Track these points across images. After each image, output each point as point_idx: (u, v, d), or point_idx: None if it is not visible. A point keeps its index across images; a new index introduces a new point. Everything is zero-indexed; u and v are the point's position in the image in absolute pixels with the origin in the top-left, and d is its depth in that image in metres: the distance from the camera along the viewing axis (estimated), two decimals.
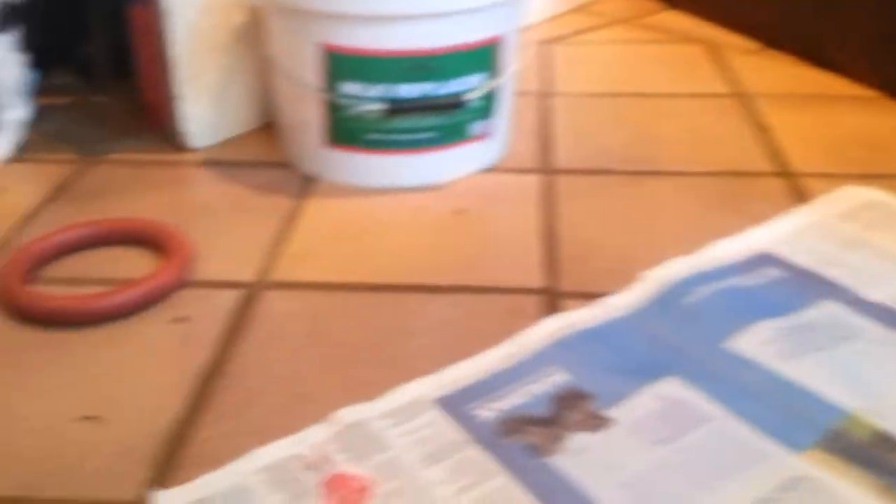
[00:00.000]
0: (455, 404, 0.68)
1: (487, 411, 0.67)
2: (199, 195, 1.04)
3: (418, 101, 1.01)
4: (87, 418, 0.68)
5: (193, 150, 1.14)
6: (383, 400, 0.68)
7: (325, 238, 0.95)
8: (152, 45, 1.13)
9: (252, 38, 1.14)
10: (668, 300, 0.80)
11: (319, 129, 1.05)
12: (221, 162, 1.12)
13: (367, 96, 1.00)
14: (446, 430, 0.65)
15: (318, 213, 1.00)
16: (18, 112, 1.14)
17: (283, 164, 1.11)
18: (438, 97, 1.01)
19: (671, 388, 0.69)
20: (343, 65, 1.00)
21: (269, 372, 0.73)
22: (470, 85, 1.03)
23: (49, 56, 1.36)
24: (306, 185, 1.06)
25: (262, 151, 1.15)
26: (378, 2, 0.96)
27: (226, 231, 0.96)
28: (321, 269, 0.88)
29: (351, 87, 1.00)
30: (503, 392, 0.69)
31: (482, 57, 1.03)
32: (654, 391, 0.69)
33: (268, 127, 1.20)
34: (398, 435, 0.65)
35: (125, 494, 0.61)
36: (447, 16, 0.99)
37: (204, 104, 1.14)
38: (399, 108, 1.00)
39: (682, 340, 0.75)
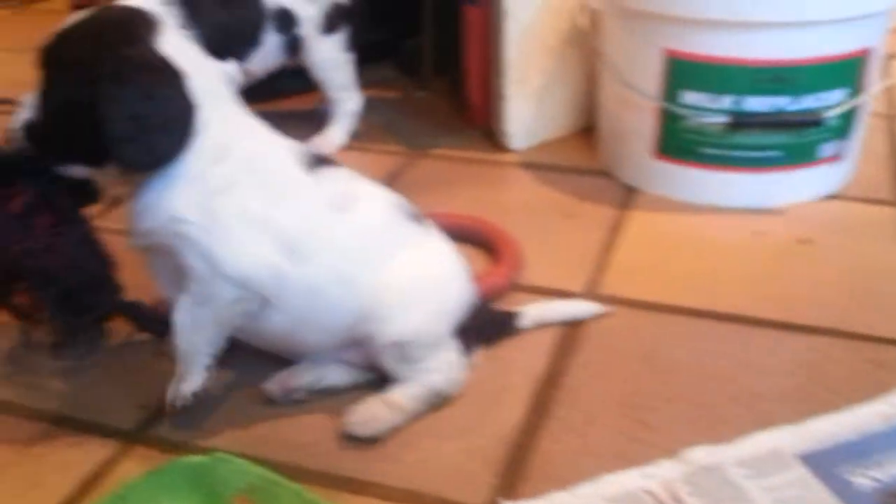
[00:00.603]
0: (824, 465, 0.60)
1: (864, 479, 0.59)
2: (520, 196, 1.04)
3: (768, 115, 0.92)
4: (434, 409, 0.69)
5: (513, 151, 1.14)
6: (739, 445, 0.62)
7: (653, 255, 0.90)
8: (483, 44, 1.15)
9: (580, 41, 1.12)
10: None
11: (649, 138, 1.00)
12: (540, 165, 1.11)
13: (709, 108, 0.94)
14: (816, 494, 0.58)
15: (644, 227, 0.95)
16: (350, 105, 1.21)
17: (603, 172, 1.08)
18: (792, 113, 0.92)
19: None
20: (686, 73, 0.94)
21: (606, 391, 0.70)
22: (829, 101, 0.93)
23: (375, 51, 1.44)
24: (629, 195, 1.02)
25: (581, 157, 1.13)
26: (733, 7, 0.89)
27: (549, 236, 0.94)
28: (651, 287, 0.84)
29: (692, 97, 0.94)
30: (882, 458, 0.61)
31: (847, 71, 0.92)
32: None
33: (585, 132, 1.18)
34: (759, 488, 0.59)
35: (475, 497, 0.60)
36: (813, 25, 0.90)
37: (527, 106, 1.13)
38: (744, 122, 0.93)
39: None
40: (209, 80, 0.63)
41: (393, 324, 0.67)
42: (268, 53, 1.11)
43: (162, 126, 0.59)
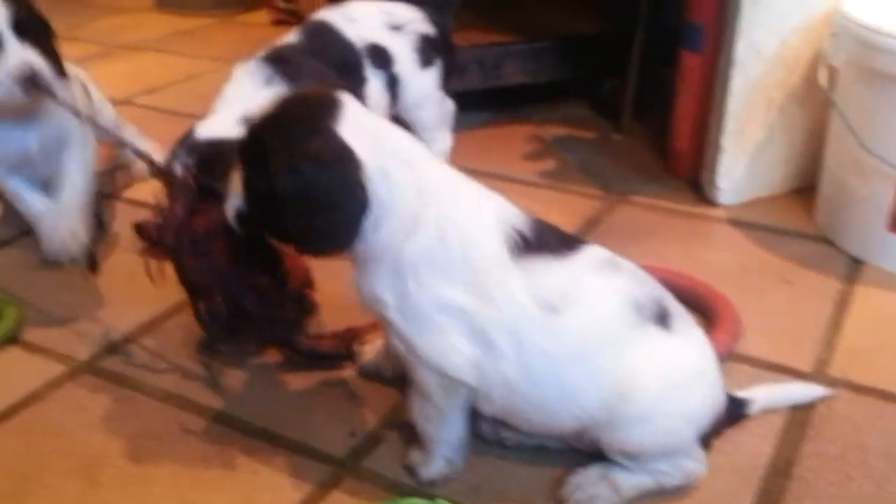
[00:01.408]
0: None
1: None
2: (731, 256, 0.98)
3: None
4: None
5: (721, 206, 1.09)
6: None
7: (886, 337, 0.82)
8: (699, 92, 1.10)
9: (808, 97, 1.05)
10: None
11: (886, 209, 0.92)
12: (751, 223, 1.05)
13: None
14: None
15: (874, 305, 0.87)
16: (440, 145, 1.13)
17: (823, 238, 1.00)
18: None
19: None
20: None
21: (844, 487, 0.64)
22: None
23: (568, 89, 1.42)
24: (855, 268, 0.94)
25: (795, 218, 1.05)
26: None
27: (766, 303, 0.88)
28: (885, 373, 0.76)
29: None
30: None
31: None
32: None
33: (799, 192, 1.10)
34: None
35: None
36: None
37: (742, 160, 1.07)
38: None
39: None
40: (394, 148, 0.60)
41: (627, 434, 0.61)
42: (375, 93, 1.03)
43: (329, 213, 0.58)
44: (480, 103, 1.39)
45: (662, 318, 0.61)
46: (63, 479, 0.68)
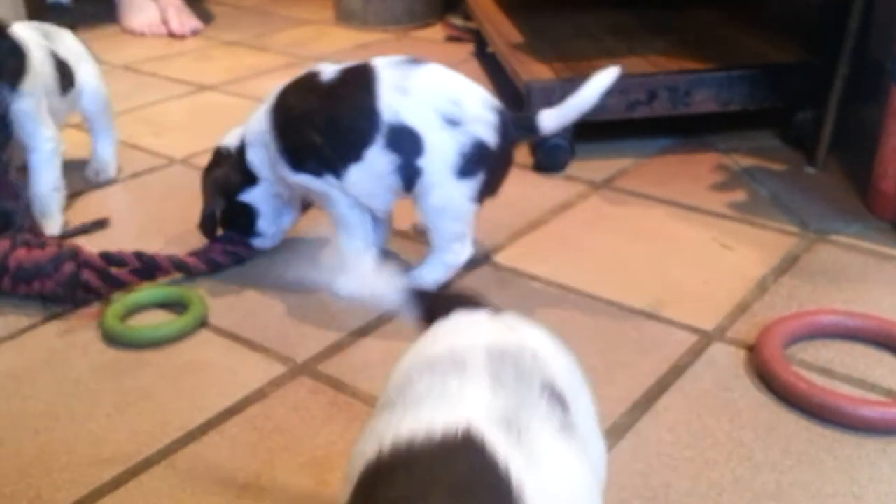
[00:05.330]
0: None
1: None
2: None
3: None
4: None
5: None
6: None
7: None
8: None
9: None
10: None
11: None
12: None
13: None
14: None
15: None
16: (453, 258, 0.97)
17: None
18: None
19: None
20: None
21: None
22: None
23: (759, 119, 1.38)
24: None
25: None
26: None
27: None
28: None
29: None
30: None
31: None
32: None
33: None
34: None
35: None
36: None
37: None
38: None
39: None
40: None
41: None
42: (374, 178, 0.92)
43: None
44: (656, 128, 1.38)
45: None
46: (293, 476, 0.72)
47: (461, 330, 0.52)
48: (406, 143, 0.91)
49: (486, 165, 0.92)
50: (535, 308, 0.95)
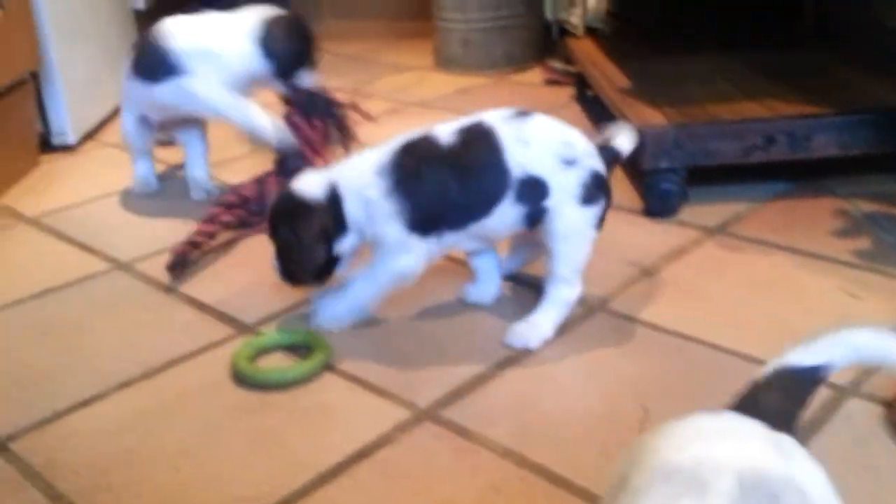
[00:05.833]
0: None
1: None
2: None
3: None
4: None
5: None
6: None
7: None
8: None
9: None
10: None
11: None
12: None
13: None
14: None
15: None
16: (568, 293, 1.00)
17: None
18: None
19: None
20: None
21: None
22: None
23: (880, 162, 1.34)
24: None
25: None
26: None
27: None
28: None
29: None
30: None
31: None
32: None
33: None
34: None
35: None
36: None
37: None
38: None
39: None
40: None
41: None
42: (499, 227, 0.98)
43: None
44: (769, 172, 1.35)
45: None
46: None
47: (718, 441, 0.43)
48: (534, 192, 0.96)
49: (604, 192, 0.99)
50: (654, 357, 0.94)
